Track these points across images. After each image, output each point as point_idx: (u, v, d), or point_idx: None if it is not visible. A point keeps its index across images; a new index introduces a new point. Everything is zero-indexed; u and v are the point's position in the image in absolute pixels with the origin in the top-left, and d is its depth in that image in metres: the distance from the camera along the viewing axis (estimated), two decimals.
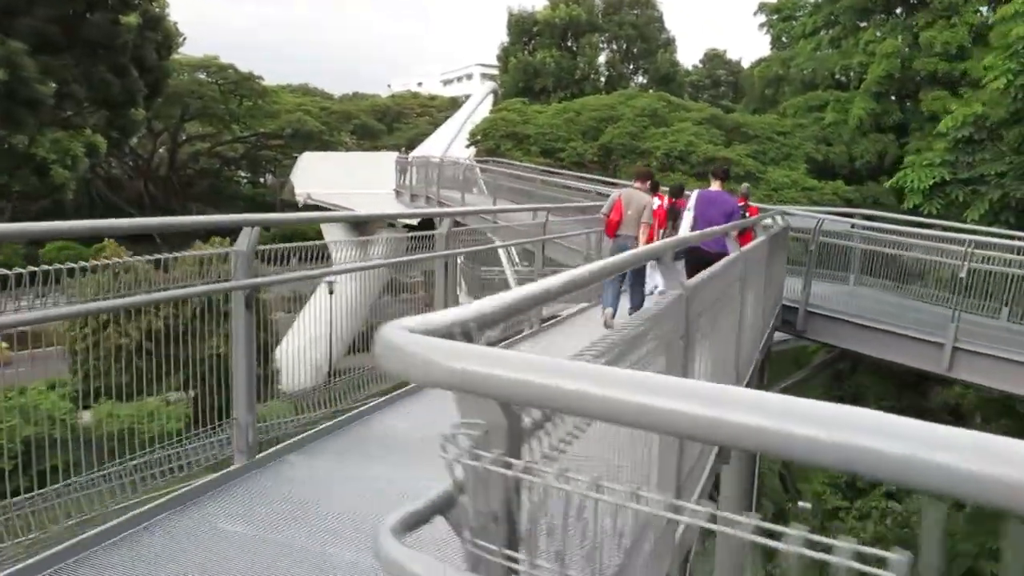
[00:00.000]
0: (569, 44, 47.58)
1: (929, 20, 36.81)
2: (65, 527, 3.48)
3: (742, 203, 11.05)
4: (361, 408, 5.39)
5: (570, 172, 27.16)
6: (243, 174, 52.90)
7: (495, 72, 53.49)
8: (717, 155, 33.57)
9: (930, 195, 14.11)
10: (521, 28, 47.43)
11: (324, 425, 5.00)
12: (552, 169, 27.69)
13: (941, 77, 35.63)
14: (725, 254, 8.21)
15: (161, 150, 47.00)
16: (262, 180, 55.15)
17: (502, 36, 48.97)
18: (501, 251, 25.03)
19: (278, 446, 4.63)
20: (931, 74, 35.72)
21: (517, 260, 21.71)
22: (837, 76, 40.45)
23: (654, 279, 9.97)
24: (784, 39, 44.44)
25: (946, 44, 35.24)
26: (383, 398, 5.70)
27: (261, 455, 4.46)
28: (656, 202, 10.47)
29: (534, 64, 45.71)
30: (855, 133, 36.98)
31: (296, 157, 39.39)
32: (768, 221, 10.30)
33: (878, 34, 38.75)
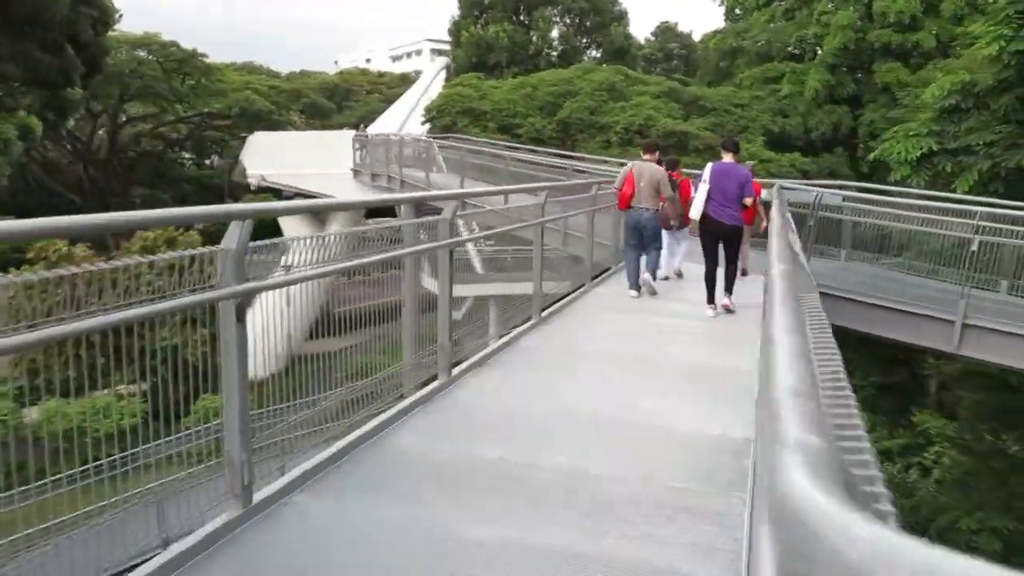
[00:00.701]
0: (522, 18, 46.46)
1: None
2: None
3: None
4: (366, 426, 4.58)
5: (544, 149, 26.40)
6: (188, 156, 50.75)
7: (445, 47, 52.15)
8: (676, 129, 33.13)
9: (917, 167, 13.70)
10: (472, 1, 46.11)
11: (328, 451, 4.18)
12: (515, 144, 26.83)
13: (894, 49, 35.74)
14: (740, 227, 8.60)
15: (101, 132, 44.68)
16: (208, 162, 53.06)
17: (452, 10, 47.64)
18: (465, 232, 24.17)
19: (278, 483, 3.79)
20: (884, 46, 35.77)
21: (481, 241, 20.89)
22: (792, 48, 40.27)
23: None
24: (738, 11, 44.06)
25: (900, 14, 35.31)
26: (389, 411, 4.90)
27: (259, 497, 3.62)
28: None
29: (487, 38, 44.50)
30: (811, 105, 36.87)
31: (244, 137, 37.71)
32: (765, 194, 9.81)
33: (831, 5, 38.65)
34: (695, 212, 8.44)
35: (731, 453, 4.51)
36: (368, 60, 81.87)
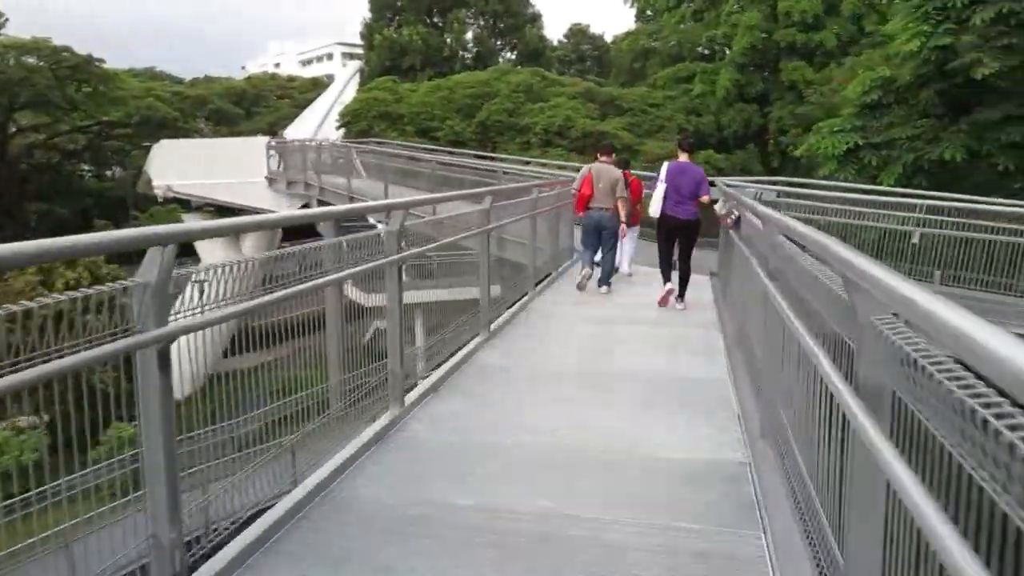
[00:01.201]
0: (435, 20, 45.74)
1: None
2: None
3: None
4: (318, 474, 3.91)
5: (465, 151, 25.77)
6: (87, 167, 47.81)
7: (357, 51, 50.93)
8: (594, 129, 33.09)
9: (843, 161, 13.76)
10: (384, 3, 45.10)
11: (279, 511, 3.51)
12: (435, 147, 26.15)
13: (799, 48, 36.74)
14: (696, 221, 8.87)
15: None
16: (109, 173, 50.18)
17: (363, 12, 46.55)
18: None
19: (222, 557, 3.10)
20: (790, 45, 36.73)
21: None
22: (702, 48, 40.93)
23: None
24: (648, 12, 44.54)
25: (803, 13, 36.33)
26: (341, 454, 4.24)
27: None
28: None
29: (400, 41, 43.60)
30: (722, 104, 37.53)
31: (147, 147, 35.61)
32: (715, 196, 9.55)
33: (738, 6, 39.45)
34: (655, 209, 8.79)
35: (729, 481, 4.05)
36: (277, 65, 79.33)
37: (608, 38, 54.30)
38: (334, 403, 5.70)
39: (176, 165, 27.83)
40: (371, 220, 23.27)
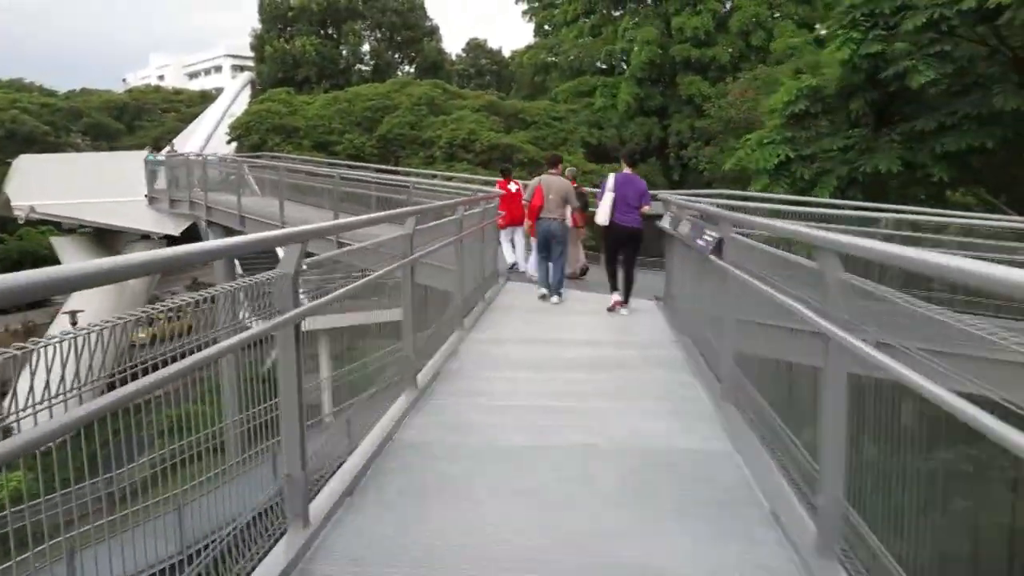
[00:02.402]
0: (329, 31, 43.54)
1: (678, 7, 37.85)
2: None
3: (574, 185, 11.61)
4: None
5: (366, 165, 23.90)
6: None
7: (248, 63, 47.99)
8: (500, 142, 31.79)
9: (775, 175, 12.86)
10: (274, 13, 42.56)
11: None
12: (334, 162, 24.16)
13: (694, 63, 36.76)
14: (640, 229, 8.96)
15: None
16: None
17: (253, 22, 43.84)
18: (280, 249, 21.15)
19: None
20: (685, 60, 36.69)
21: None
22: (601, 63, 40.46)
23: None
24: (547, 27, 43.84)
25: (695, 29, 36.40)
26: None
27: None
28: (513, 187, 12.26)
29: (293, 53, 41.19)
30: (623, 117, 37.10)
31: (10, 163, 31.85)
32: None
33: (634, 22, 39.26)
34: (603, 218, 8.87)
35: None
36: (161, 77, 74.25)
37: (506, 53, 53.41)
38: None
39: (39, 183, 24.56)
40: (280, 252, 20.99)
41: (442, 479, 4.07)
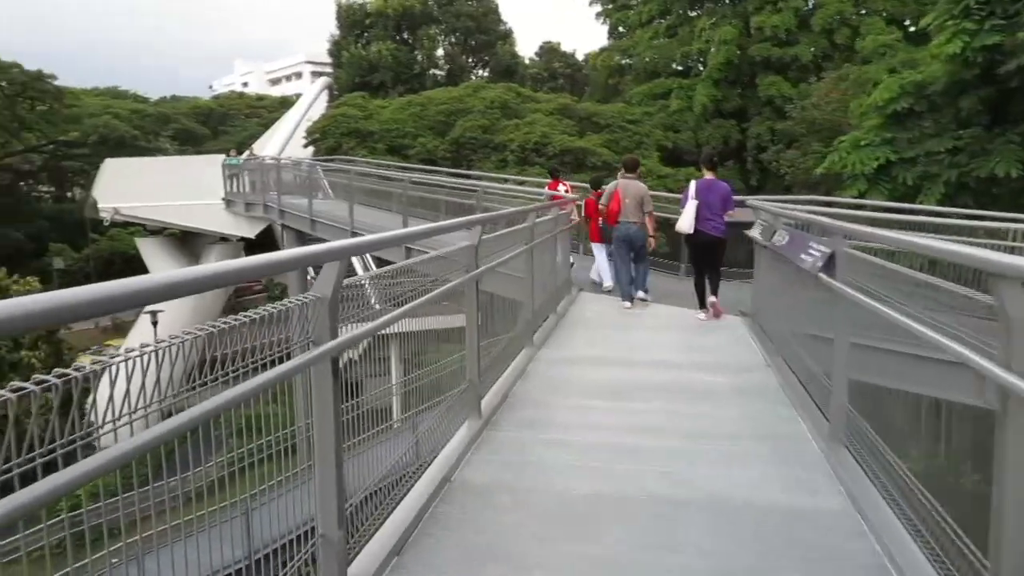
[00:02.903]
0: (405, 36, 43.62)
1: (758, 5, 36.37)
2: None
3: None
4: None
5: (439, 169, 23.61)
6: (45, 188, 44.70)
7: (327, 69, 48.57)
8: (573, 146, 31.11)
9: (875, 180, 11.77)
10: (352, 20, 42.92)
11: None
12: (406, 166, 23.92)
13: (774, 62, 35.23)
14: (724, 237, 8.69)
15: None
16: (69, 194, 47.16)
17: (332, 29, 44.28)
18: (357, 260, 20.97)
19: None
20: (765, 59, 35.21)
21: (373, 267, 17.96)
22: (677, 64, 39.28)
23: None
24: (621, 28, 42.87)
25: (775, 28, 34.88)
26: None
27: None
28: (562, 189, 12.42)
29: (369, 58, 41.42)
30: (700, 119, 35.83)
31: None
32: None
33: (711, 22, 37.96)
34: (687, 226, 8.54)
35: None
36: (245, 84, 76.40)
37: (580, 56, 52.64)
38: None
39: (124, 186, 25.13)
40: (355, 261, 20.91)
41: (502, 537, 3.44)
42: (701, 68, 38.45)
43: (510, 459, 4.38)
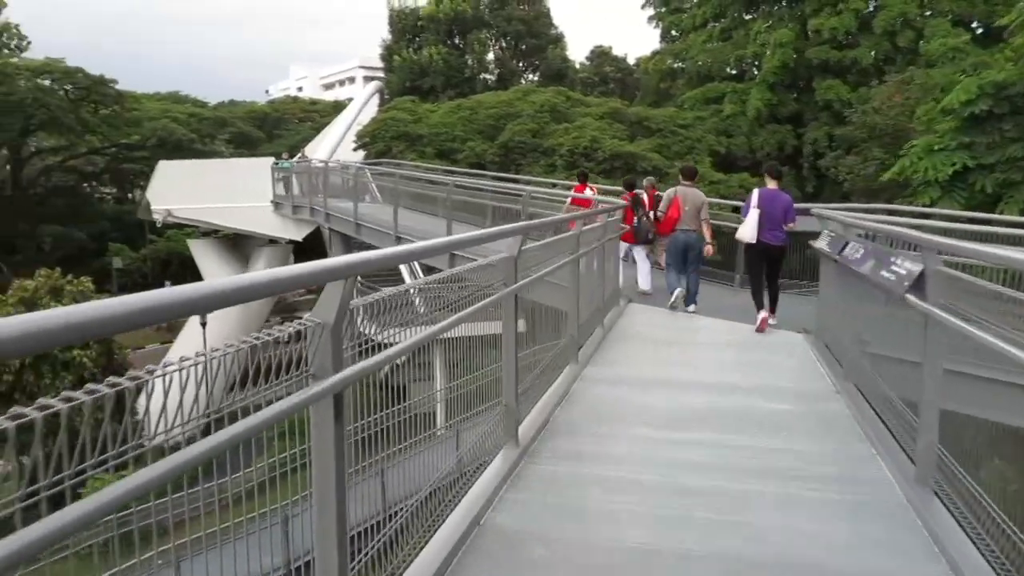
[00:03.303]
0: (456, 41, 43.45)
1: (816, 7, 35.15)
2: None
3: (654, 192, 11.99)
4: None
5: (486, 173, 23.23)
6: (107, 190, 45.75)
7: (379, 74, 48.75)
8: (623, 151, 30.41)
9: (949, 187, 10.94)
10: (404, 24, 42.92)
11: None
12: (454, 169, 23.58)
13: (832, 66, 34.00)
14: (786, 247, 8.71)
15: (8, 167, 39.67)
16: (131, 196, 48.22)
17: (384, 33, 44.37)
18: (404, 266, 20.66)
19: None
20: (823, 63, 34.01)
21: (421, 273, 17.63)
22: (731, 68, 38.25)
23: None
24: (674, 32, 41.99)
25: (834, 30, 33.66)
26: None
27: None
28: (588, 192, 12.73)
29: (420, 62, 41.34)
30: (754, 124, 34.77)
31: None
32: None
33: (767, 25, 36.88)
34: (749, 235, 8.44)
35: None
36: (300, 89, 77.38)
37: (631, 60, 51.82)
38: None
39: (176, 188, 25.34)
40: (403, 269, 20.54)
41: None
42: (755, 72, 37.39)
43: (549, 500, 3.87)
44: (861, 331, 5.65)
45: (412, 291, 3.45)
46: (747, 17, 39.27)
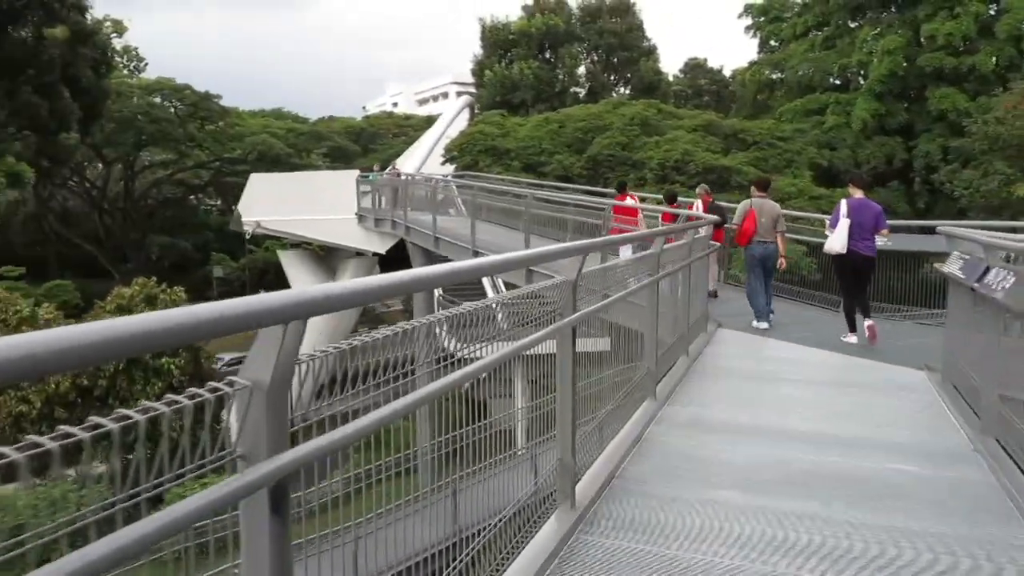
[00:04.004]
0: (547, 55, 42.96)
1: (930, 12, 32.71)
2: None
3: (709, 200, 12.04)
4: None
5: (571, 186, 22.50)
6: (211, 202, 47.55)
7: (471, 89, 48.84)
8: (716, 164, 28.96)
9: None
10: (496, 40, 42.76)
11: None
12: (540, 183, 22.92)
13: (948, 73, 31.54)
14: (875, 257, 8.58)
15: (119, 180, 41.74)
16: (232, 208, 50.04)
17: (476, 49, 44.36)
18: (486, 279, 20.11)
19: None
20: (937, 70, 31.58)
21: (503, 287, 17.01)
22: (834, 78, 36.12)
23: None
24: (773, 42, 40.14)
25: (948, 36, 31.21)
26: None
27: None
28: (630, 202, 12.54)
29: (511, 77, 41.04)
30: (859, 136, 32.62)
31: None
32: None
33: (875, 31, 34.65)
34: (840, 246, 8.26)
35: None
36: (395, 105, 78.75)
37: (727, 72, 50.04)
38: None
39: (265, 200, 25.67)
40: (485, 283, 20.10)
41: None
42: (861, 81, 35.21)
43: None
44: (1010, 376, 4.53)
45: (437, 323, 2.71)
46: (852, 25, 37.13)
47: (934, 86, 32.27)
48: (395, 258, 24.42)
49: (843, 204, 8.41)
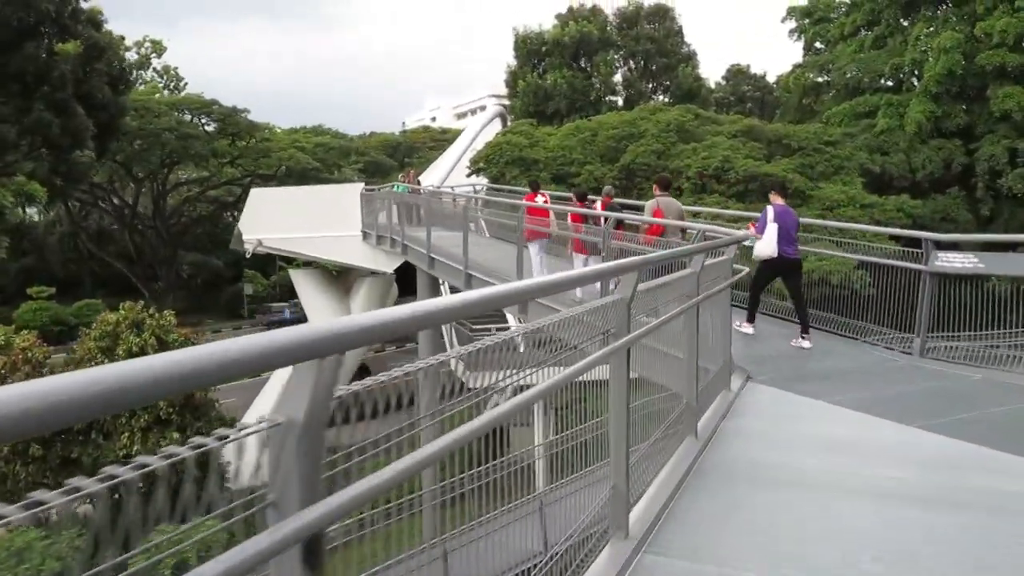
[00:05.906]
0: (582, 63, 40.86)
1: (989, 7, 29.61)
2: None
3: (608, 200, 11.68)
4: None
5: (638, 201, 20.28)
6: None
7: (507, 101, 47.00)
8: (758, 171, 26.40)
9: None
10: (529, 49, 40.87)
11: None
12: (566, 194, 20.73)
13: (1011, 71, 28.44)
14: (800, 259, 9.03)
15: (150, 198, 40.96)
16: None
17: (509, 59, 42.53)
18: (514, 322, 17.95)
19: None
20: (999, 68, 28.50)
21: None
22: (886, 79, 33.19)
23: None
24: (819, 44, 37.40)
25: (1002, 33, 28.13)
26: None
27: None
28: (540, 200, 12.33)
29: (544, 86, 39.08)
30: (914, 140, 29.68)
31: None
32: None
33: (929, 29, 31.69)
34: (771, 250, 8.39)
35: None
36: (433, 119, 77.54)
37: (771, 78, 47.24)
38: None
39: (267, 217, 23.89)
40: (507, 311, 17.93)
41: None
42: (915, 82, 32.27)
43: None
44: None
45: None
46: (904, 22, 34.20)
47: (997, 85, 29.18)
48: (401, 277, 22.53)
49: (769, 210, 8.53)
